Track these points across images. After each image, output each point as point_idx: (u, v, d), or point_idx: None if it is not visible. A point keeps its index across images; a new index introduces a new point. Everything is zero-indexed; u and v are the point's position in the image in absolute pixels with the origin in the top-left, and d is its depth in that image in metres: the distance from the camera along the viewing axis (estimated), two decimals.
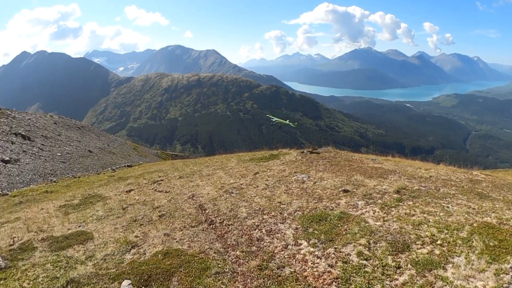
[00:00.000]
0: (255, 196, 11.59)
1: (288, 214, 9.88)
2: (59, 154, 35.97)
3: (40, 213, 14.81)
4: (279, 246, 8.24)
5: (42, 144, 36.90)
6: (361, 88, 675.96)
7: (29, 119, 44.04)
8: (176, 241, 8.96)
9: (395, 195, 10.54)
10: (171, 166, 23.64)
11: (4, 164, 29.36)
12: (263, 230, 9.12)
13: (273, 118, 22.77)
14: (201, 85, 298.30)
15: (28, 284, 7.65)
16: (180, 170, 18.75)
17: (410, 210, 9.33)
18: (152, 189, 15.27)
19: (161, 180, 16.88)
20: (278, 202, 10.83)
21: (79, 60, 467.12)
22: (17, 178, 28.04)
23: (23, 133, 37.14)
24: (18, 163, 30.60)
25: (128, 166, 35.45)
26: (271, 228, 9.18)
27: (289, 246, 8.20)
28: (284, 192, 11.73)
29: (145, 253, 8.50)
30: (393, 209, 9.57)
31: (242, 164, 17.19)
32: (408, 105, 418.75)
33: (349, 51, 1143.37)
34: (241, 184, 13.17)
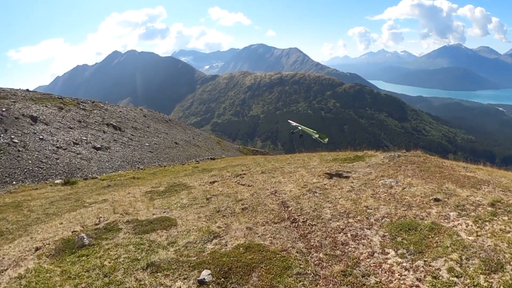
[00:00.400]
0: (339, 198, 11.10)
1: (375, 220, 9.30)
2: (147, 144, 37.91)
3: (127, 196, 15.54)
4: (365, 253, 7.75)
5: (131, 135, 39.13)
6: (450, 89, 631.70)
7: (120, 111, 47.03)
8: (258, 236, 8.78)
9: (489, 208, 9.50)
10: (253, 161, 23.74)
11: (95, 150, 31.60)
12: (348, 234, 8.64)
13: (292, 123, 18.17)
14: (283, 83, 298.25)
15: (109, 263, 7.88)
16: (262, 166, 18.68)
17: (505, 226, 8.37)
18: (235, 182, 15.32)
19: (244, 174, 16.89)
20: (365, 206, 10.25)
21: (167, 58, 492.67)
22: (107, 164, 29.93)
23: (114, 124, 39.67)
24: (108, 150, 32.71)
25: (211, 158, 36.36)
26: (357, 233, 8.68)
27: (376, 254, 7.67)
28: (371, 196, 11.09)
29: (226, 245, 8.42)
30: (487, 223, 8.64)
31: (325, 164, 16.70)
32: (500, 108, 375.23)
33: (437, 48, 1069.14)
34: (324, 184, 12.71)
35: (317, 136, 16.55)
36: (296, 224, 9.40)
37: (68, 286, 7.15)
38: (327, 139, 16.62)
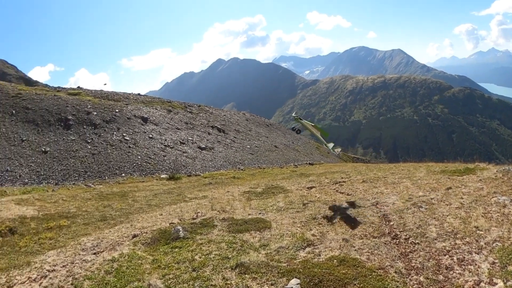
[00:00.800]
0: (447, 215, 10.04)
1: (485, 243, 8.17)
2: (248, 146, 38.96)
3: (226, 195, 15.92)
4: (470, 281, 6.82)
5: (234, 137, 40.67)
6: None
7: (224, 115, 49.61)
8: (355, 249, 8.23)
9: None
10: (353, 168, 22.95)
11: (200, 150, 33.48)
12: (454, 258, 7.72)
13: (295, 116, 14.45)
14: (386, 87, 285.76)
15: (200, 257, 7.99)
16: (363, 174, 17.87)
17: None
18: (334, 189, 14.84)
19: (343, 181, 16.32)
20: (475, 227, 9.10)
21: (268, 65, 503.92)
22: (210, 163, 31.35)
23: (218, 126, 41.64)
24: (212, 150, 34.31)
25: (310, 164, 36.16)
26: (464, 257, 7.70)
27: (482, 284, 6.71)
28: (482, 215, 9.88)
29: (319, 255, 8.03)
30: None
31: (432, 176, 15.42)
32: None
33: None
34: (431, 199, 11.66)
35: (318, 134, 13.90)
36: (397, 240, 8.69)
37: (156, 275, 7.37)
38: (332, 145, 13.85)
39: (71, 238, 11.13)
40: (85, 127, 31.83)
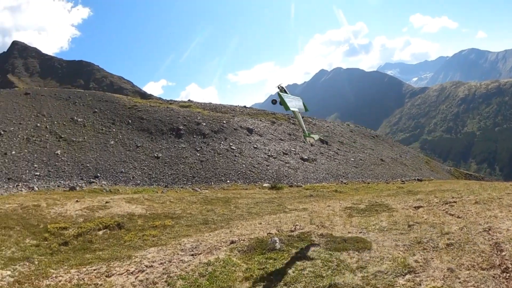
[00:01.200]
0: None
1: None
2: (352, 159, 38.05)
3: (326, 209, 15.50)
4: None
5: (337, 149, 40.06)
6: None
7: (328, 126, 49.46)
8: (459, 282, 7.26)
9: None
10: (465, 187, 21.04)
11: (302, 161, 33.69)
12: None
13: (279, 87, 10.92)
14: (501, 93, 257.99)
15: (293, 272, 7.78)
16: (476, 194, 16.22)
17: None
18: (443, 210, 13.62)
19: (454, 202, 14.93)
20: None
21: (373, 73, 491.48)
22: (312, 174, 31.24)
23: (321, 138, 41.22)
24: (314, 162, 34.23)
25: (418, 180, 34.26)
26: None
27: None
28: None
29: (420, 284, 7.24)
30: None
31: None
32: None
33: None
34: None
35: (296, 110, 10.37)
36: (508, 274, 7.50)
37: (247, 284, 7.37)
38: (317, 137, 11.74)
39: (172, 237, 11.80)
40: (194, 136, 34.82)
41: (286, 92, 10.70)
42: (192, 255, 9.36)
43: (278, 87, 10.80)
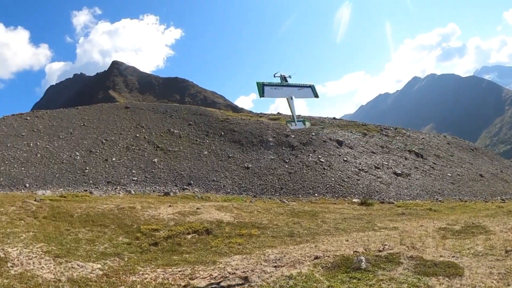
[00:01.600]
0: None
1: None
2: (449, 174, 35.59)
3: (418, 229, 14.72)
4: None
5: (433, 163, 37.76)
6: None
7: (423, 138, 46.82)
8: None
9: None
10: None
11: (395, 176, 32.16)
12: None
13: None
14: None
15: None
16: None
17: None
18: None
19: None
20: None
21: (469, 78, 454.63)
22: (405, 190, 29.79)
23: (416, 150, 39.44)
24: (408, 177, 32.58)
25: None
26: None
27: None
28: None
29: None
30: None
31: None
32: None
33: None
34: None
35: (287, 97, 10.27)
36: None
37: None
38: (308, 124, 10.85)
39: (257, 247, 12.03)
40: (283, 148, 35.35)
41: (286, 81, 10.85)
42: (275, 266, 9.43)
43: (280, 76, 10.92)
